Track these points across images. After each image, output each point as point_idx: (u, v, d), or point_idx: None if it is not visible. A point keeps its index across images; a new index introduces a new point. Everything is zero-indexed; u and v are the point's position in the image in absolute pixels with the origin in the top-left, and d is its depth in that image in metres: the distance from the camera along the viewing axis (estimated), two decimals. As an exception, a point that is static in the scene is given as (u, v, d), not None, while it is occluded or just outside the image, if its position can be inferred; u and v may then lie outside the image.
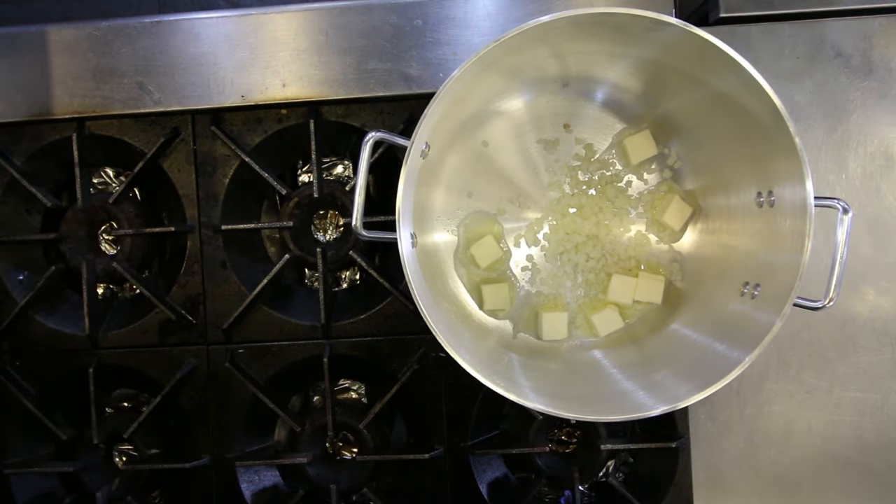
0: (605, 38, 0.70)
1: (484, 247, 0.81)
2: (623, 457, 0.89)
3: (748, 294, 0.71)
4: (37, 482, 0.90)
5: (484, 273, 0.83)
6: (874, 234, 0.83)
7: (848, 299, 0.83)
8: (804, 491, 0.84)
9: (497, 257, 0.82)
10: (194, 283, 0.88)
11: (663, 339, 0.79)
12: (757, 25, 0.82)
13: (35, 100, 0.87)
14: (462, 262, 0.82)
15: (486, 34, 0.82)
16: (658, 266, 0.83)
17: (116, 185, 0.92)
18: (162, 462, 0.90)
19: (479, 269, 0.82)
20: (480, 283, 0.82)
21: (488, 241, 0.81)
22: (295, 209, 0.88)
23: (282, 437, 0.92)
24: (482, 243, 0.81)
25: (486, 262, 0.82)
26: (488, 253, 0.81)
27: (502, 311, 0.82)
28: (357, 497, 0.90)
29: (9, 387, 0.88)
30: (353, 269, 0.92)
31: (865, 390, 0.84)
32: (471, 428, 0.86)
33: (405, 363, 0.86)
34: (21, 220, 0.90)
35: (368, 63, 0.84)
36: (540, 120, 0.82)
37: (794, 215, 0.66)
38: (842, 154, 0.83)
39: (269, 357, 0.88)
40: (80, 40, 0.87)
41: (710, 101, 0.72)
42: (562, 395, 0.71)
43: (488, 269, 0.82)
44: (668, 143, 0.81)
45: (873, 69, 0.82)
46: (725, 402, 0.85)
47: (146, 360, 0.88)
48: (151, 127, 0.88)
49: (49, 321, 0.89)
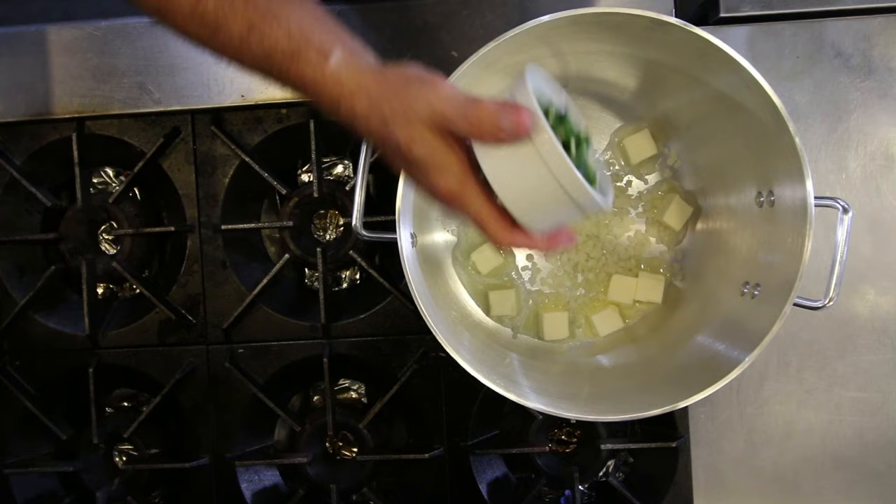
0: (605, 37, 0.70)
1: (484, 253, 0.82)
2: (623, 457, 0.89)
3: (748, 294, 0.71)
4: (37, 482, 0.90)
5: (487, 279, 0.83)
6: (874, 233, 0.83)
7: (848, 299, 0.83)
8: (804, 491, 0.84)
9: (498, 263, 0.82)
10: (194, 282, 0.88)
11: (663, 339, 0.79)
12: (757, 25, 0.82)
13: (35, 99, 0.87)
14: (463, 266, 0.83)
15: (486, 34, 0.82)
16: (658, 266, 0.83)
17: (116, 184, 0.92)
18: (162, 462, 0.90)
19: (481, 275, 0.82)
20: (487, 289, 0.83)
21: (487, 247, 0.82)
22: (295, 209, 0.87)
23: (282, 436, 0.92)
24: (482, 250, 0.82)
25: (487, 268, 0.82)
26: (488, 259, 0.82)
27: (509, 317, 0.82)
28: (357, 497, 0.90)
29: (9, 387, 0.88)
30: (353, 269, 0.92)
31: (865, 390, 0.84)
32: (471, 428, 0.86)
33: (405, 363, 0.86)
34: (21, 220, 0.90)
35: (368, 63, 0.84)
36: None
37: (794, 215, 0.66)
38: (842, 154, 0.83)
39: (269, 357, 0.88)
40: (80, 40, 0.87)
41: (710, 101, 0.72)
42: (562, 395, 0.71)
43: (490, 274, 0.82)
44: (668, 142, 0.81)
45: (873, 69, 0.82)
46: (725, 402, 0.85)
47: (146, 360, 0.88)
48: (151, 127, 0.88)
49: (49, 321, 0.89)
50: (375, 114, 0.56)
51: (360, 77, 0.56)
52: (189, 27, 0.58)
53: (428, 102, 0.55)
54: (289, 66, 0.57)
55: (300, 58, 0.56)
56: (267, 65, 0.58)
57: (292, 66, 0.57)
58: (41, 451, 0.91)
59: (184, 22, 0.58)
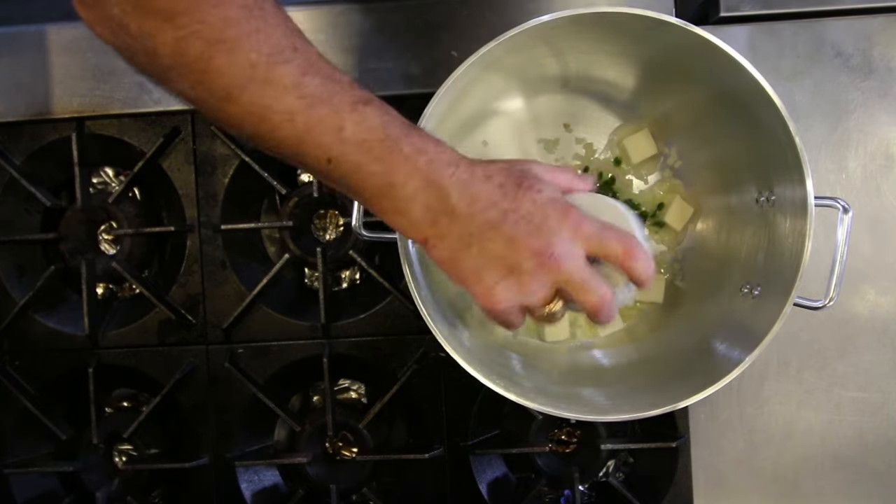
0: (605, 37, 0.70)
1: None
2: (623, 457, 0.89)
3: (748, 294, 0.71)
4: (36, 482, 0.90)
5: None
6: (874, 233, 0.83)
7: (848, 299, 0.83)
8: (804, 491, 0.84)
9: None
10: (194, 282, 0.88)
11: (663, 339, 0.79)
12: (757, 25, 0.82)
13: (35, 99, 0.87)
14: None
15: (486, 33, 0.82)
16: (659, 266, 0.83)
17: (116, 184, 0.92)
18: (162, 462, 0.90)
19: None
20: None
21: None
22: (295, 209, 0.87)
23: (282, 436, 0.92)
24: None
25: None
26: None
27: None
28: (357, 497, 0.90)
29: (8, 387, 0.88)
30: (353, 269, 0.92)
31: (866, 390, 0.84)
32: (471, 428, 0.86)
33: (405, 363, 0.86)
34: (20, 220, 0.90)
35: (368, 62, 0.84)
36: (540, 119, 0.82)
37: (794, 215, 0.66)
38: (842, 154, 0.83)
39: (269, 357, 0.88)
40: (80, 40, 0.86)
41: (711, 101, 0.72)
42: (562, 395, 0.71)
43: None
44: (669, 142, 0.81)
45: (873, 69, 0.82)
46: (725, 402, 0.85)
47: (146, 360, 0.88)
48: (151, 126, 0.88)
49: (49, 321, 0.89)
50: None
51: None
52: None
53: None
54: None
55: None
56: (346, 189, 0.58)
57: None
58: (41, 451, 0.91)
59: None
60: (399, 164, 0.55)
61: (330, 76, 0.54)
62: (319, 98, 0.53)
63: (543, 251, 0.55)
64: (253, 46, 0.52)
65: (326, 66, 0.55)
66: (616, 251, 0.57)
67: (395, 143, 0.55)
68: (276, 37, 0.53)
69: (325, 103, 0.53)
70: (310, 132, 0.54)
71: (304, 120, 0.53)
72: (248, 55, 0.52)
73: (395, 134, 0.55)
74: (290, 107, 0.53)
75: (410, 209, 0.56)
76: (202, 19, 0.51)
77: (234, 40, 0.52)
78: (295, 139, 0.54)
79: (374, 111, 0.55)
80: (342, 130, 0.54)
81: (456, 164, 0.56)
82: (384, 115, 0.55)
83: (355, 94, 0.55)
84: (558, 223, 0.55)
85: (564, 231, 0.55)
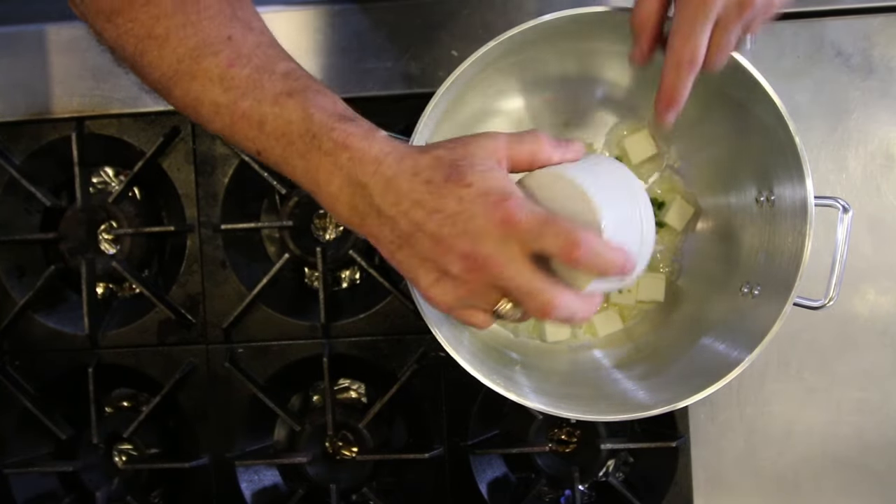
0: (605, 37, 0.70)
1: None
2: (623, 457, 0.89)
3: (748, 294, 0.71)
4: (36, 482, 0.90)
5: None
6: (874, 233, 0.83)
7: (848, 299, 0.83)
8: (804, 491, 0.84)
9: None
10: (194, 282, 0.88)
11: (663, 339, 0.79)
12: (757, 25, 0.82)
13: (34, 99, 0.87)
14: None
15: (486, 33, 0.82)
16: (659, 265, 0.83)
17: (116, 184, 0.92)
18: (161, 462, 0.90)
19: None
20: None
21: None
22: (294, 208, 0.87)
23: (281, 436, 0.92)
24: None
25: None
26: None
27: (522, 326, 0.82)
28: (357, 497, 0.90)
29: (8, 387, 0.88)
30: (353, 269, 0.92)
31: (866, 390, 0.84)
32: (471, 428, 0.86)
33: (405, 363, 0.86)
34: (20, 220, 0.90)
35: (368, 62, 0.84)
36: (540, 119, 0.81)
37: (794, 215, 0.66)
38: (842, 153, 0.83)
39: (269, 357, 0.88)
40: (80, 39, 0.86)
41: (710, 101, 0.72)
42: (562, 395, 0.71)
43: None
44: (668, 142, 0.81)
45: (874, 68, 0.82)
46: (725, 402, 0.85)
47: (146, 360, 0.88)
48: (151, 126, 0.88)
49: (49, 321, 0.89)
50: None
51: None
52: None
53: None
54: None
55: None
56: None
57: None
58: (41, 451, 0.91)
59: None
60: (320, 162, 0.52)
61: (262, 66, 0.53)
62: (243, 91, 0.52)
63: (469, 254, 0.50)
64: (181, 40, 0.52)
65: (261, 56, 0.53)
66: (552, 248, 0.50)
67: (315, 138, 0.52)
68: (207, 29, 0.52)
69: (248, 96, 0.52)
70: (235, 125, 0.53)
71: (229, 113, 0.53)
72: (175, 49, 0.52)
73: (317, 129, 0.52)
74: (215, 99, 0.53)
75: (336, 207, 0.53)
76: (134, 17, 0.52)
77: (163, 36, 0.52)
78: (227, 130, 0.54)
79: (296, 104, 0.52)
80: (264, 124, 0.52)
81: (380, 160, 0.52)
82: (309, 108, 0.52)
83: (286, 84, 0.53)
84: (486, 222, 0.50)
85: (493, 231, 0.50)
